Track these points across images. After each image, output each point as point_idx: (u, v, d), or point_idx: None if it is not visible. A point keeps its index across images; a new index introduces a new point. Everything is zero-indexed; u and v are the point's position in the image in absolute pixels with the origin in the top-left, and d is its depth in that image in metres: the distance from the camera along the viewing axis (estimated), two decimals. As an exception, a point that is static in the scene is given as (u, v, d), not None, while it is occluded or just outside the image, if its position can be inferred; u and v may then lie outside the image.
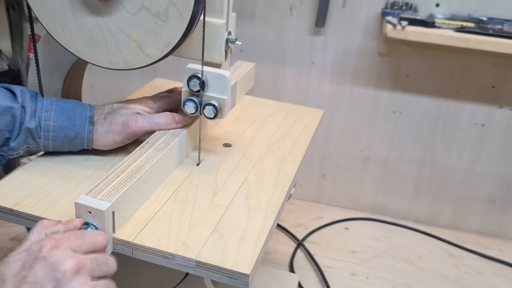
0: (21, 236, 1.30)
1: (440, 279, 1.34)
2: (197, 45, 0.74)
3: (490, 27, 1.23)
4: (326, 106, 1.46)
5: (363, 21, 1.35)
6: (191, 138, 0.83)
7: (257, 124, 0.98)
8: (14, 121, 0.71)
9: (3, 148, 0.72)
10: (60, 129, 0.74)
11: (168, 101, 0.84)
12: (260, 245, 0.64)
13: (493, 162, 1.45)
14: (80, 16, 0.71)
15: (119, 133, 0.76)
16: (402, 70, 1.39)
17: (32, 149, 0.74)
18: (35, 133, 0.72)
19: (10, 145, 0.72)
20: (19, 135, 0.71)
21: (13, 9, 1.47)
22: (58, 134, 0.74)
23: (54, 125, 0.73)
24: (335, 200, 1.61)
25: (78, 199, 0.61)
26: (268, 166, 0.83)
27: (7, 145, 0.72)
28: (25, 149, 0.74)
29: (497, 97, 1.37)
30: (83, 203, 0.61)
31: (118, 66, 0.74)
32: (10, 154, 0.73)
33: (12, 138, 0.71)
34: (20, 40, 1.49)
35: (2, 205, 0.68)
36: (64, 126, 0.74)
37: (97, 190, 0.63)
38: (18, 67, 1.41)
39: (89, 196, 0.62)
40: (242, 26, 1.42)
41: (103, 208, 0.60)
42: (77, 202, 0.61)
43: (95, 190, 0.63)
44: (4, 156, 0.73)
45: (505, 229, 1.53)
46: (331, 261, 1.37)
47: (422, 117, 1.44)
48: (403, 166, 1.51)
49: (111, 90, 1.59)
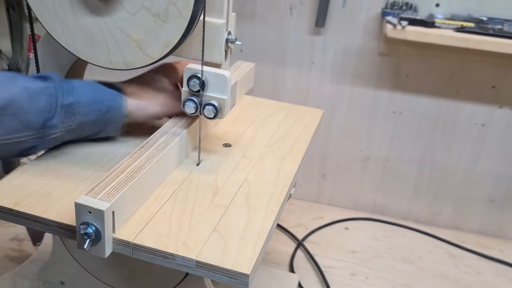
0: (21, 236, 1.31)
1: (440, 279, 1.34)
2: (197, 45, 0.74)
3: (490, 27, 1.23)
4: (326, 106, 1.46)
5: (363, 21, 1.35)
6: (191, 138, 0.83)
7: (257, 124, 0.98)
8: (51, 101, 0.71)
9: (42, 130, 0.72)
10: (93, 102, 0.74)
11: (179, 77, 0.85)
12: (260, 245, 0.64)
13: (493, 162, 1.45)
14: (80, 16, 0.71)
15: (160, 106, 0.80)
16: (402, 70, 1.39)
17: (70, 128, 0.74)
18: (71, 110, 0.73)
19: (49, 124, 0.72)
20: (56, 113, 0.72)
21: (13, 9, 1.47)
22: (92, 108, 0.74)
23: (88, 97, 0.74)
24: (335, 200, 1.61)
25: (78, 199, 0.61)
26: (268, 166, 0.83)
27: (46, 126, 0.72)
28: (63, 129, 0.74)
29: (497, 97, 1.37)
30: (83, 203, 0.61)
31: (118, 66, 0.74)
32: (49, 134, 0.73)
33: (49, 117, 0.72)
34: (20, 40, 1.49)
35: (2, 205, 0.68)
36: (96, 99, 0.75)
37: (97, 190, 0.63)
38: (18, 67, 1.42)
39: (89, 196, 0.62)
40: (242, 26, 1.42)
41: (103, 208, 0.60)
42: (77, 202, 0.61)
43: (95, 190, 0.63)
44: (44, 137, 0.73)
45: (505, 229, 1.53)
46: (331, 261, 1.37)
47: (422, 117, 1.44)
48: (403, 166, 1.51)
49: (111, 90, 1.58)
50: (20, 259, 1.22)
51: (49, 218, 0.66)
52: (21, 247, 1.28)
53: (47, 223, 0.66)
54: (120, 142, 0.85)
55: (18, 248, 1.27)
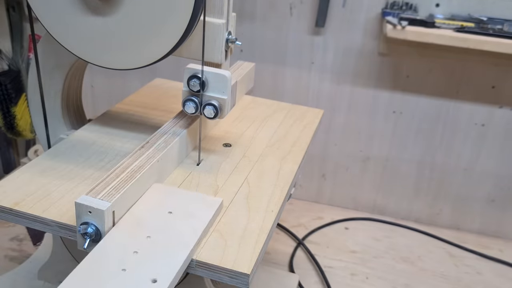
0: (21, 236, 1.31)
1: (440, 279, 1.34)
2: (197, 45, 0.74)
3: (490, 27, 1.23)
4: (326, 106, 1.46)
5: (363, 21, 1.35)
6: (191, 138, 0.83)
7: (257, 124, 0.98)
8: None
9: None
10: None
11: None
12: (260, 245, 0.64)
13: (493, 162, 1.45)
14: (80, 16, 0.71)
15: None
16: (402, 70, 1.39)
17: None
18: None
19: None
20: None
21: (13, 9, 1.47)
22: None
23: None
24: (335, 200, 1.61)
25: (78, 199, 0.61)
26: (268, 166, 0.83)
27: None
28: None
29: (497, 97, 1.37)
30: (83, 203, 0.61)
31: (118, 66, 0.74)
32: None
33: None
34: (20, 40, 1.49)
35: (2, 205, 0.68)
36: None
37: (97, 189, 0.63)
38: (18, 67, 1.42)
39: (89, 196, 0.62)
40: (242, 26, 1.42)
41: (103, 208, 0.60)
42: (77, 202, 0.61)
43: (95, 190, 0.63)
44: None
45: (505, 229, 1.53)
46: (331, 261, 1.37)
47: (422, 117, 1.44)
48: (403, 166, 1.51)
49: (111, 90, 1.59)
50: (20, 259, 1.22)
51: (49, 218, 0.66)
52: (21, 247, 1.28)
53: (47, 222, 0.66)
54: (121, 142, 0.85)
55: (18, 248, 1.27)
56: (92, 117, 0.96)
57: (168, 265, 0.57)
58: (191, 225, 0.64)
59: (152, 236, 0.62)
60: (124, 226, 0.63)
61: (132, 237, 0.61)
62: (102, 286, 0.54)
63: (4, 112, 1.38)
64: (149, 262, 0.58)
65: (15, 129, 1.40)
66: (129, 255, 0.58)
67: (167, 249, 0.60)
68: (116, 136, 0.87)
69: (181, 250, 0.60)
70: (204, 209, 0.67)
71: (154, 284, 0.55)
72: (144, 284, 0.54)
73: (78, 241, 0.62)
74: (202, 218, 0.66)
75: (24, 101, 1.40)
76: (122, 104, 1.01)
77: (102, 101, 1.60)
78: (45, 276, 0.96)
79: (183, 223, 0.64)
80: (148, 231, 0.62)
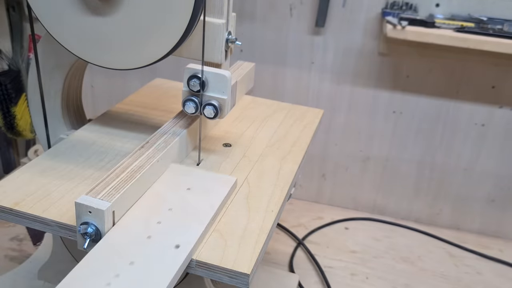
0: (21, 236, 1.31)
1: (440, 279, 1.34)
2: (197, 45, 0.74)
3: (490, 27, 1.23)
4: (326, 106, 1.46)
5: (363, 21, 1.35)
6: (191, 138, 0.83)
7: (257, 124, 0.98)
8: None
9: None
10: None
11: None
12: (260, 245, 0.64)
13: (493, 162, 1.45)
14: (80, 16, 0.71)
15: None
16: (402, 70, 1.39)
17: None
18: None
19: None
20: None
21: (13, 9, 1.47)
22: None
23: None
24: (335, 200, 1.61)
25: (78, 199, 0.61)
26: (268, 166, 0.83)
27: None
28: None
29: (497, 97, 1.37)
30: (83, 203, 0.61)
31: (118, 66, 0.74)
32: None
33: None
34: (20, 40, 1.49)
35: (2, 205, 0.68)
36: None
37: (97, 189, 0.63)
38: (18, 67, 1.42)
39: (89, 196, 0.62)
40: (242, 26, 1.42)
41: (103, 207, 0.60)
42: (77, 202, 0.61)
43: (95, 190, 0.63)
44: None
45: (505, 229, 1.53)
46: (331, 261, 1.37)
47: (422, 117, 1.44)
48: (403, 166, 1.51)
49: (111, 90, 1.59)
50: (20, 259, 1.22)
51: (49, 218, 0.66)
52: (21, 247, 1.28)
53: (47, 222, 0.66)
54: (121, 142, 0.85)
55: (18, 248, 1.27)
56: (92, 117, 0.96)
57: (189, 234, 0.63)
58: (208, 200, 0.70)
59: (173, 209, 0.68)
60: (146, 201, 0.69)
61: (155, 210, 0.67)
62: (129, 250, 0.59)
63: (4, 112, 1.38)
64: (172, 231, 0.64)
65: (15, 129, 1.40)
66: (153, 225, 0.64)
67: (187, 220, 0.66)
68: (116, 136, 0.87)
69: (200, 221, 0.66)
70: (219, 186, 0.73)
71: (177, 249, 0.60)
72: (168, 249, 0.60)
73: (78, 241, 0.62)
74: (218, 194, 0.71)
75: (24, 101, 1.40)
76: (122, 104, 1.01)
77: (102, 101, 1.60)
78: (45, 276, 0.96)
79: (201, 198, 0.70)
80: (169, 205, 0.69)
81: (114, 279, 0.55)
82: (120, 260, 0.58)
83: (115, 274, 0.56)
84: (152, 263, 0.58)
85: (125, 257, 0.58)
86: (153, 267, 0.57)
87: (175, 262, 0.58)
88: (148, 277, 0.56)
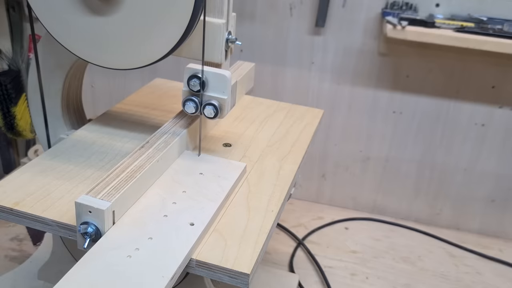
0: (21, 236, 1.31)
1: (440, 279, 1.34)
2: (197, 45, 0.74)
3: (490, 27, 1.23)
4: (326, 106, 1.46)
5: (363, 21, 1.35)
6: (191, 137, 0.83)
7: (257, 124, 0.98)
8: None
9: None
10: None
11: None
12: (260, 244, 0.64)
13: (493, 162, 1.45)
14: (80, 16, 0.71)
15: None
16: (402, 70, 1.39)
17: None
18: None
19: None
20: None
21: (13, 9, 1.47)
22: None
23: None
24: (335, 200, 1.61)
25: (78, 199, 0.61)
26: (268, 166, 0.83)
27: None
28: None
29: (497, 97, 1.37)
30: (83, 203, 0.61)
31: (118, 66, 0.74)
32: None
33: None
34: (20, 40, 1.49)
35: (3, 205, 0.68)
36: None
37: (97, 189, 0.63)
38: (18, 67, 1.42)
39: (89, 196, 0.62)
40: (242, 26, 1.42)
41: (103, 207, 0.60)
42: (77, 202, 0.61)
43: (95, 190, 0.63)
44: None
45: (505, 229, 1.53)
46: (331, 261, 1.37)
47: (422, 117, 1.44)
48: (403, 166, 1.51)
49: (111, 90, 1.59)
50: (20, 259, 1.22)
51: (49, 218, 0.66)
52: (21, 247, 1.28)
53: (47, 222, 0.66)
54: (121, 142, 0.85)
55: (18, 248, 1.27)
56: (92, 117, 0.96)
57: (202, 213, 0.68)
58: (220, 184, 0.74)
59: (187, 191, 0.72)
60: (162, 183, 0.74)
61: (170, 192, 0.72)
62: (148, 226, 0.64)
63: (4, 112, 1.38)
64: (186, 210, 0.68)
65: (15, 129, 1.40)
66: (169, 205, 0.69)
67: (201, 201, 0.70)
68: (116, 136, 0.87)
69: (212, 202, 0.70)
70: (230, 172, 0.78)
71: (192, 226, 0.65)
72: (183, 226, 0.65)
73: (78, 241, 0.62)
74: (228, 179, 0.76)
75: (24, 101, 1.40)
76: (122, 104, 1.01)
77: (102, 101, 1.60)
78: (45, 276, 0.96)
79: (213, 182, 0.75)
80: (183, 187, 0.73)
81: (135, 252, 0.60)
82: (140, 236, 0.63)
83: (135, 248, 0.60)
84: (170, 239, 0.63)
85: (145, 233, 0.63)
86: (171, 242, 0.62)
87: (190, 238, 0.63)
88: (166, 250, 0.61)
